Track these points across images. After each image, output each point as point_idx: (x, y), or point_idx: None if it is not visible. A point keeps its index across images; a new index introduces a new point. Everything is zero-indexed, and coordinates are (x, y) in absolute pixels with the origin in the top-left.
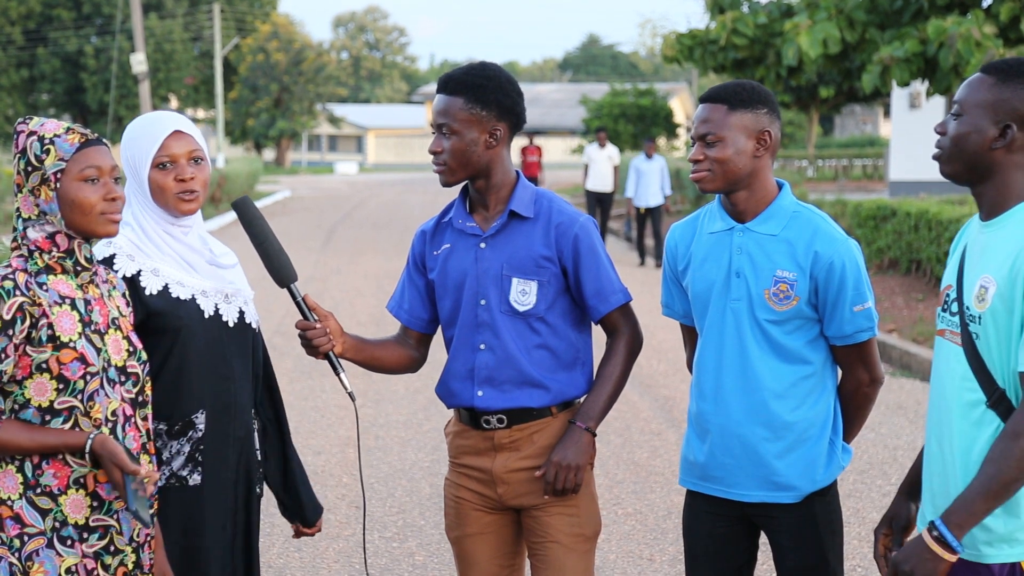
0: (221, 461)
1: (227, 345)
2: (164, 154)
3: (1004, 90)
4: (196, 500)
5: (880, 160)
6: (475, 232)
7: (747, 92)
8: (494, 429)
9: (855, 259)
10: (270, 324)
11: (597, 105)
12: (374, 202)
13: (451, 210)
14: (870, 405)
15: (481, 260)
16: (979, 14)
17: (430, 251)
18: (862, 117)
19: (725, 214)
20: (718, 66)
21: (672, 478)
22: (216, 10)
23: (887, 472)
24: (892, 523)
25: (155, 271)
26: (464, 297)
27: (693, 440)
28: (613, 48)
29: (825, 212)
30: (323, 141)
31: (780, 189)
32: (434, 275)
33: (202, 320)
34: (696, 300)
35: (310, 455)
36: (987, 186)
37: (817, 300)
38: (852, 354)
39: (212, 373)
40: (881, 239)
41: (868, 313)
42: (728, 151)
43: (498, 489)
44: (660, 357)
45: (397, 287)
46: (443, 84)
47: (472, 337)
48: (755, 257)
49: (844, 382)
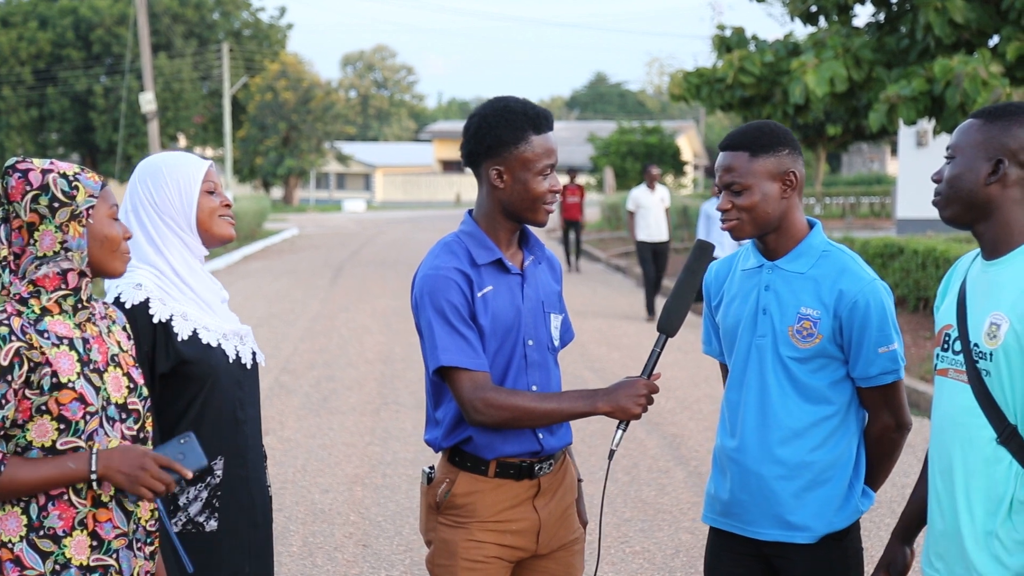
0: (237, 506)
1: (244, 388)
2: (210, 181)
3: (993, 128)
4: (212, 546)
5: (887, 198)
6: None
7: (767, 136)
8: (543, 474)
9: (881, 300)
10: (278, 362)
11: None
12: (382, 240)
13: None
14: (897, 451)
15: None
16: (986, 53)
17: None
18: (869, 155)
19: (758, 252)
20: (725, 104)
21: (680, 516)
22: (225, 49)
23: (895, 511)
24: (889, 568)
25: (184, 315)
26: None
27: (716, 476)
28: (620, 86)
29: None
30: (331, 179)
31: (812, 228)
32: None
33: (227, 365)
34: (726, 336)
35: (317, 493)
36: (988, 224)
37: (842, 339)
38: (877, 397)
39: (230, 418)
40: (888, 277)
41: (893, 355)
42: (755, 198)
43: (540, 537)
44: (668, 395)
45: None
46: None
47: (526, 378)
48: (781, 294)
49: (870, 426)
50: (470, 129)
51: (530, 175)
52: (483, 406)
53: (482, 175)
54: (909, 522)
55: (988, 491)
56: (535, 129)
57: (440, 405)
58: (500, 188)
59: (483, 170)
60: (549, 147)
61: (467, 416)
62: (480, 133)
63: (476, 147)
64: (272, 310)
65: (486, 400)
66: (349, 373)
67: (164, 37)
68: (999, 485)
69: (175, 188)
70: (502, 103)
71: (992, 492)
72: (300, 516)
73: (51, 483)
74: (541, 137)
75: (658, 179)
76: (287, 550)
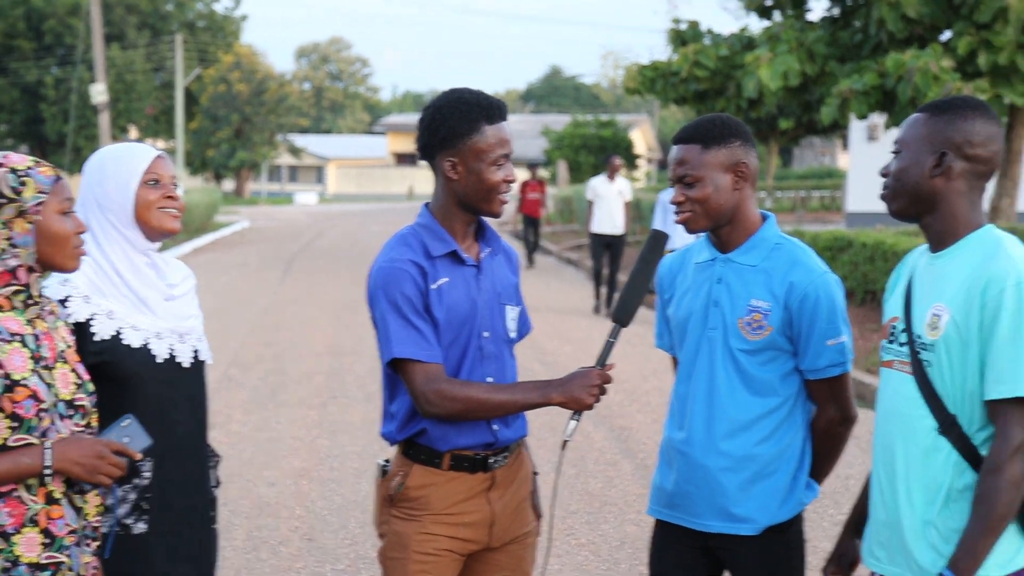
0: (167, 508)
1: (178, 388)
2: (153, 173)
3: (937, 122)
4: (140, 549)
5: (838, 192)
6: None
7: (719, 128)
8: (498, 467)
9: (831, 292)
10: (226, 355)
11: (559, 136)
12: (333, 233)
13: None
14: (842, 444)
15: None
16: (937, 48)
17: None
18: (820, 149)
19: (711, 245)
20: (679, 98)
21: (626, 508)
22: (178, 40)
23: (839, 502)
24: (840, 560)
25: (110, 314)
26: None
27: (663, 468)
28: (575, 79)
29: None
30: (283, 171)
31: (765, 220)
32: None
33: (153, 367)
34: (677, 329)
35: (263, 486)
36: (934, 217)
37: (791, 331)
38: (824, 389)
39: (160, 419)
40: (837, 270)
41: (842, 348)
42: (708, 190)
43: (493, 530)
44: (617, 387)
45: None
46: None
47: (481, 370)
48: (732, 287)
49: (816, 419)
50: (424, 121)
51: (484, 165)
52: (436, 397)
53: (437, 167)
54: (860, 514)
55: (927, 481)
56: (488, 119)
57: (395, 398)
58: (455, 179)
59: (438, 162)
60: (503, 137)
61: (420, 408)
62: (434, 125)
63: (430, 139)
64: (221, 303)
65: (439, 391)
66: (298, 366)
67: (117, 28)
68: (938, 475)
69: (115, 182)
70: (455, 94)
71: (931, 482)
72: (245, 510)
73: (3, 479)
74: (494, 127)
75: (619, 170)
76: (231, 544)
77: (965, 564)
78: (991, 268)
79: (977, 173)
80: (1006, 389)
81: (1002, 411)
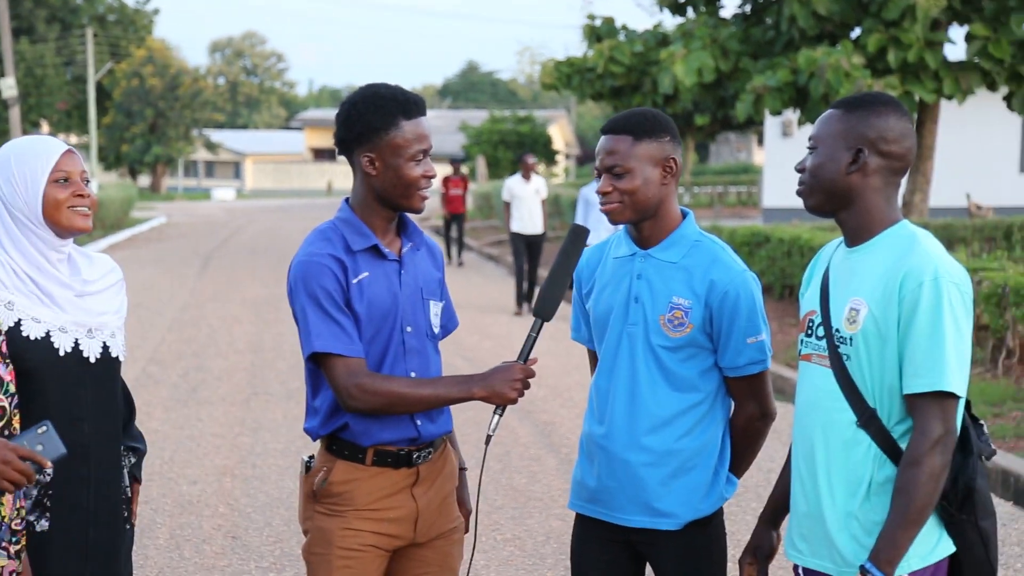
0: (71, 506)
1: (84, 383)
2: (60, 170)
3: (852, 119)
4: (43, 547)
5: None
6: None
7: (650, 121)
8: (422, 462)
9: (751, 290)
10: (145, 352)
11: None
12: (252, 228)
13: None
14: (761, 440)
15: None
16: (848, 45)
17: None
18: (737, 145)
19: (630, 240)
20: (596, 94)
21: (551, 503)
22: (89, 34)
23: (761, 495)
24: (756, 552)
25: (9, 304)
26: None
27: (583, 463)
28: (492, 75)
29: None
30: (200, 167)
31: (684, 217)
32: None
33: (55, 359)
34: (596, 324)
35: (185, 484)
36: (850, 213)
37: (711, 329)
38: (744, 386)
39: (64, 415)
40: (755, 265)
41: (761, 346)
42: (637, 182)
43: (418, 526)
44: (540, 383)
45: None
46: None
47: (404, 365)
48: (653, 283)
49: (735, 415)
50: (340, 117)
51: (402, 161)
52: (357, 392)
53: (355, 163)
54: (776, 506)
55: (848, 473)
56: (405, 114)
57: (318, 393)
58: (373, 175)
59: (355, 158)
60: (420, 132)
61: (342, 402)
62: (350, 120)
63: (347, 135)
64: (139, 299)
65: (360, 386)
66: (218, 363)
67: (26, 21)
68: (858, 468)
69: (21, 180)
70: (371, 90)
71: (852, 475)
72: (167, 508)
73: None
74: (412, 122)
75: (534, 169)
76: (153, 543)
77: (887, 556)
78: (908, 263)
79: (892, 169)
80: (924, 383)
81: (920, 405)
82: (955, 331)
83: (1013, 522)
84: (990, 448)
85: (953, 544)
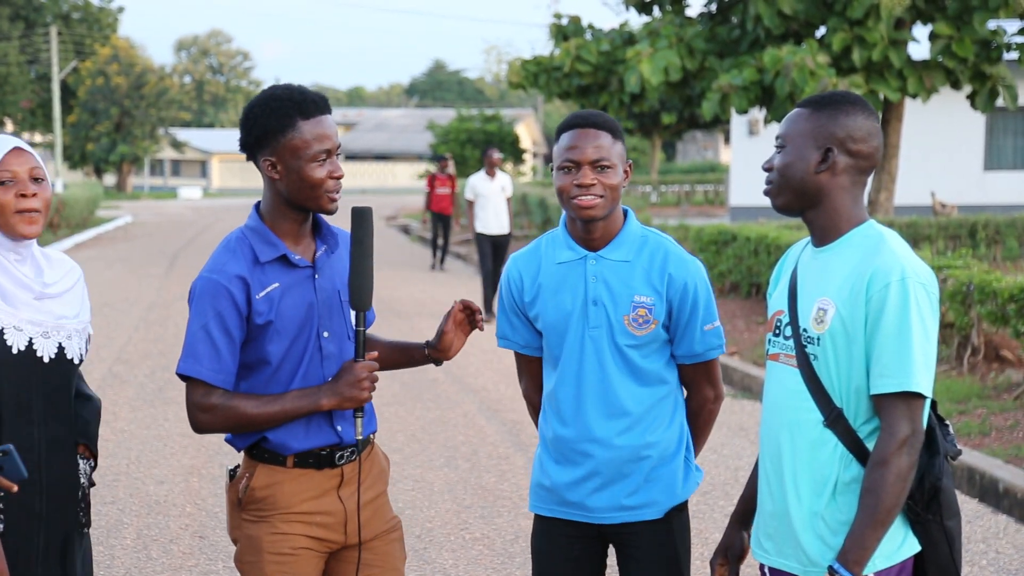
0: (23, 508)
1: (36, 384)
2: (5, 170)
3: (820, 117)
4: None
5: (721, 186)
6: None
7: (614, 124)
8: (346, 463)
9: (704, 279)
10: (112, 351)
11: (444, 130)
12: (219, 227)
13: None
14: (713, 421)
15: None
16: (813, 44)
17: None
18: (703, 143)
19: (573, 243)
20: (563, 92)
21: (520, 502)
22: (53, 32)
23: (729, 493)
24: (727, 552)
25: None
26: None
27: (549, 466)
28: (459, 74)
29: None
30: (166, 166)
31: (626, 216)
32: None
33: (8, 357)
34: (551, 330)
35: (152, 485)
36: (818, 212)
37: (670, 322)
38: (700, 372)
39: (15, 416)
40: (722, 263)
41: (718, 331)
42: (616, 178)
43: (348, 527)
44: (508, 382)
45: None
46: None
47: (320, 371)
48: (611, 284)
49: (690, 400)
50: (240, 122)
51: (303, 163)
52: (201, 413)
53: (260, 167)
54: (747, 506)
55: (814, 473)
56: (302, 114)
57: None
58: (276, 179)
59: (259, 162)
60: (321, 132)
61: (191, 423)
62: (248, 124)
63: (247, 139)
64: (105, 299)
65: (205, 406)
66: None
67: None
68: (824, 467)
69: None
70: (268, 92)
71: (818, 474)
72: (134, 508)
73: None
74: (311, 122)
75: (499, 164)
76: (120, 543)
77: (854, 556)
78: (875, 263)
79: (860, 168)
80: (891, 383)
81: (887, 405)
82: (922, 332)
83: (978, 519)
84: (956, 448)
85: (918, 543)
